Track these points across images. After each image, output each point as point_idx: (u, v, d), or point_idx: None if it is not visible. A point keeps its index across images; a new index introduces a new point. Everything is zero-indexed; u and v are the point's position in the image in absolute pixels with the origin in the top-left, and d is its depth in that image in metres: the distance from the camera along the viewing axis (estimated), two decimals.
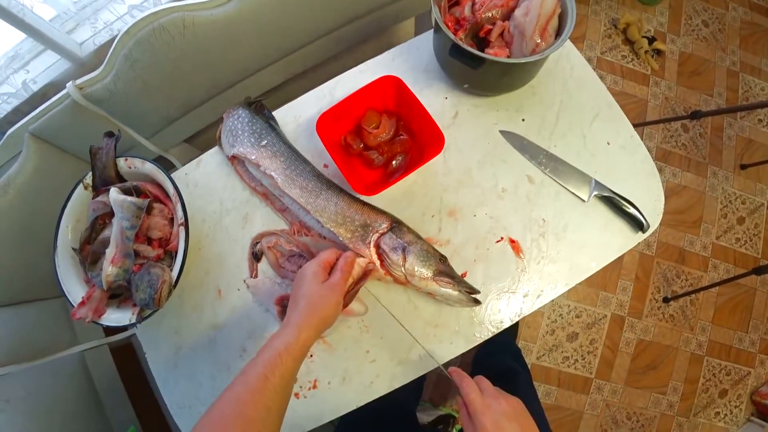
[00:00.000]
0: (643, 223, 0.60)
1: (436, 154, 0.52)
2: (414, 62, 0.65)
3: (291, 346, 0.41)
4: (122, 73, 0.69)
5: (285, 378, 0.40)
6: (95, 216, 0.61)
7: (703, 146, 1.34)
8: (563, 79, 0.66)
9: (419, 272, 0.50)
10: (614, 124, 0.65)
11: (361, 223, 0.53)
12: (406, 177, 0.59)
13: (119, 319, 0.57)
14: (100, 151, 0.62)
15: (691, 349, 1.25)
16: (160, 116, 0.82)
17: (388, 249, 0.51)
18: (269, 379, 0.38)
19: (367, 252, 0.52)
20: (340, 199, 0.54)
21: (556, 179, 0.61)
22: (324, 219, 0.53)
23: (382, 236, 0.52)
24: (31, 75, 0.75)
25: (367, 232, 0.52)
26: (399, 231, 0.53)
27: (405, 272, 0.50)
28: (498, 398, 0.42)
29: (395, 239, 0.52)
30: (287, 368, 0.40)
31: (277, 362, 0.39)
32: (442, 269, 0.52)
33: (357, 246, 0.52)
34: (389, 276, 0.52)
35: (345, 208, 0.53)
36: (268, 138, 0.58)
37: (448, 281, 0.51)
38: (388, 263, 0.51)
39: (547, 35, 0.54)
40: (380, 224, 0.53)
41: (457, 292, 0.51)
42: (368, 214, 0.54)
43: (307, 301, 0.44)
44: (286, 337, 0.41)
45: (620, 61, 1.38)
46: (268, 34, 0.75)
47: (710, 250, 1.29)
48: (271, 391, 0.38)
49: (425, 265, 0.51)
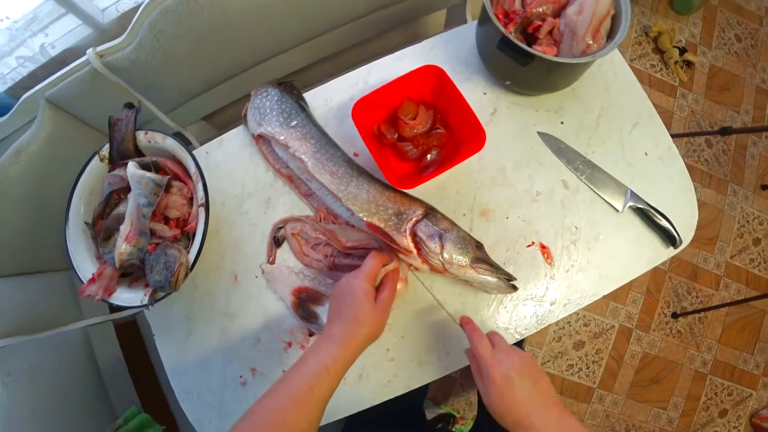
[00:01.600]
0: (675, 239, 0.58)
1: (476, 151, 0.49)
2: (454, 53, 0.62)
3: (338, 362, 0.40)
4: (145, 43, 0.66)
5: (329, 392, 0.39)
6: (110, 190, 0.59)
7: (726, 163, 1.31)
8: (605, 84, 0.64)
9: (457, 260, 0.48)
10: (653, 134, 0.63)
11: (394, 212, 0.51)
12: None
13: (130, 299, 0.55)
14: (119, 122, 0.59)
15: (696, 366, 1.24)
16: (180, 91, 0.79)
17: (425, 237, 0.49)
18: (314, 392, 0.38)
19: (404, 241, 0.49)
20: (371, 187, 0.52)
21: (591, 186, 0.59)
22: (356, 208, 0.51)
23: (417, 224, 0.50)
24: (49, 39, 0.72)
25: (401, 221, 0.50)
26: (434, 218, 0.51)
27: (443, 261, 0.48)
28: (510, 353, 0.41)
29: (431, 226, 0.50)
30: (332, 383, 0.40)
31: (324, 376, 0.39)
32: (480, 256, 0.50)
33: (392, 235, 0.50)
34: (426, 264, 0.50)
35: (377, 196, 0.51)
36: (298, 119, 0.56)
37: (487, 268, 0.49)
38: (426, 251, 0.49)
39: (599, 37, 0.52)
40: (414, 211, 0.51)
41: (496, 279, 0.49)
42: (401, 202, 0.52)
43: (358, 320, 0.43)
44: (334, 352, 0.40)
45: (649, 69, 1.35)
46: (299, 15, 0.72)
47: (723, 268, 1.28)
48: (314, 405, 0.38)
49: (463, 252, 0.49)
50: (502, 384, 0.39)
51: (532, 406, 0.38)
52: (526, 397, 0.38)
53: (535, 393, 0.39)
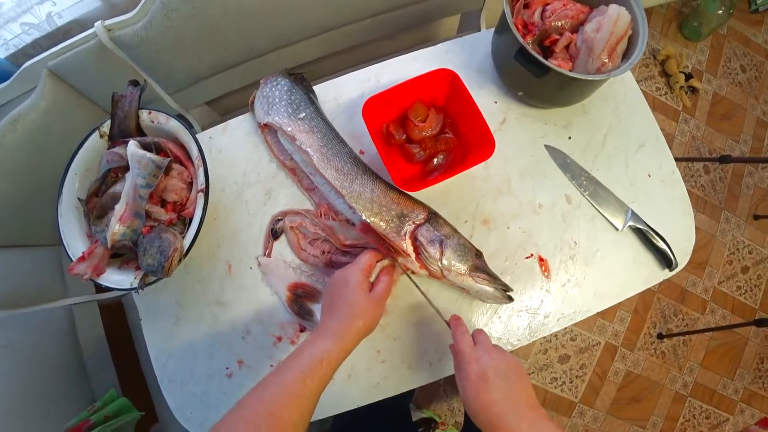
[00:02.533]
0: (672, 261, 0.58)
1: (484, 159, 0.49)
2: (468, 59, 0.62)
3: (332, 354, 0.39)
4: (156, 21, 0.64)
5: (321, 386, 0.39)
6: (108, 168, 0.57)
7: (721, 190, 1.33)
8: (615, 103, 0.64)
9: (456, 267, 0.48)
10: (658, 157, 0.63)
11: (397, 213, 0.50)
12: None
13: (120, 281, 0.53)
14: (123, 99, 0.58)
15: (677, 387, 1.25)
16: (187, 73, 0.77)
17: (425, 241, 0.49)
18: (307, 385, 0.38)
19: (403, 244, 0.49)
20: (376, 186, 0.51)
21: (593, 203, 0.59)
22: (359, 206, 0.50)
23: (418, 227, 0.50)
24: (57, 8, 0.70)
25: (402, 223, 0.50)
26: (436, 223, 0.51)
27: (441, 267, 0.48)
28: (490, 351, 0.40)
29: (432, 231, 0.49)
30: (325, 376, 0.39)
31: (317, 369, 0.38)
32: (479, 265, 0.50)
33: (392, 237, 0.50)
34: (424, 269, 0.50)
35: (381, 196, 0.51)
36: (307, 111, 0.55)
37: (485, 277, 0.49)
38: (425, 256, 0.49)
39: (615, 56, 0.52)
40: (417, 215, 0.51)
41: (493, 289, 0.49)
42: (404, 204, 0.51)
43: (353, 311, 0.42)
44: (328, 345, 0.40)
45: (654, 92, 1.36)
46: (316, 6, 0.71)
47: (711, 293, 1.30)
48: (307, 397, 0.37)
49: (462, 259, 0.49)
50: (477, 381, 0.38)
51: (506, 406, 0.36)
52: (500, 397, 0.37)
53: (511, 394, 0.37)
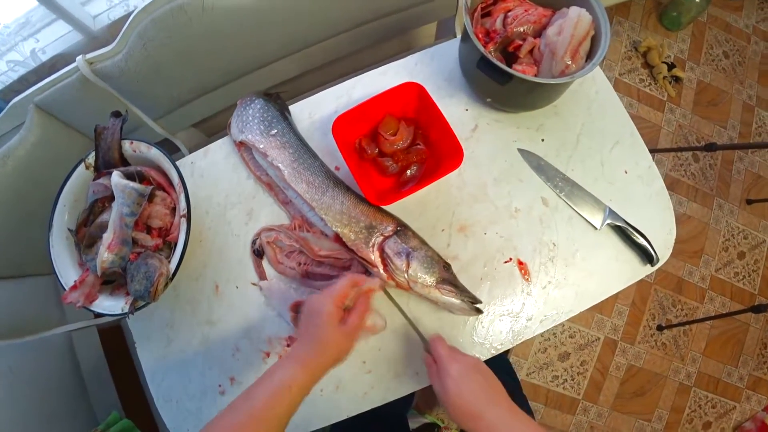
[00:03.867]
0: (653, 256, 0.59)
1: (453, 168, 0.50)
2: (437, 69, 0.63)
3: (300, 383, 0.41)
4: (135, 52, 0.66)
5: (289, 411, 0.40)
6: (95, 198, 0.59)
7: (712, 177, 1.33)
8: (587, 102, 0.65)
9: (422, 279, 0.49)
10: (634, 153, 0.64)
11: (366, 225, 0.52)
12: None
13: (111, 307, 0.55)
14: (105, 131, 0.59)
15: (680, 378, 1.25)
16: (169, 98, 0.79)
17: (392, 253, 0.50)
18: (275, 410, 0.39)
19: (370, 256, 0.50)
20: (346, 199, 0.53)
21: (570, 204, 0.60)
22: (329, 218, 0.52)
23: (386, 239, 0.51)
24: (40, 44, 0.73)
25: (371, 234, 0.51)
26: (404, 235, 0.52)
27: (408, 278, 0.49)
28: (463, 354, 0.45)
29: (400, 244, 0.51)
30: (292, 403, 0.40)
31: (285, 395, 0.39)
32: (446, 277, 0.51)
33: (359, 248, 0.51)
34: (391, 280, 0.51)
35: (351, 207, 0.52)
36: (279, 127, 0.57)
37: (451, 290, 0.50)
38: (392, 268, 0.50)
39: (578, 57, 0.53)
40: (385, 227, 0.52)
41: (459, 301, 0.50)
42: (374, 216, 0.53)
43: (323, 344, 0.43)
44: (296, 372, 0.41)
45: (638, 84, 1.37)
46: (289, 25, 0.73)
47: (708, 282, 1.29)
48: (274, 423, 0.38)
49: (429, 272, 0.50)
50: (458, 378, 0.41)
51: (486, 399, 0.41)
52: (479, 390, 0.41)
53: (487, 387, 0.42)
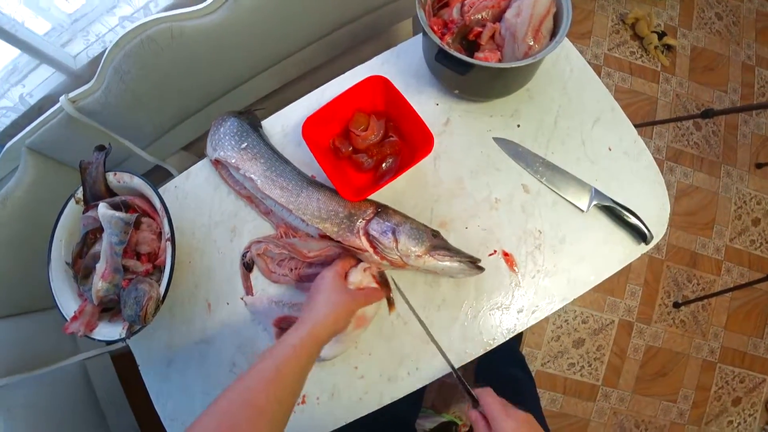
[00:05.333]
0: (646, 234, 0.57)
1: (424, 155, 0.50)
2: (404, 66, 0.63)
3: (304, 340, 0.41)
4: (113, 86, 0.69)
5: (296, 371, 0.40)
6: (86, 231, 0.61)
7: (717, 145, 1.28)
8: (562, 82, 0.63)
9: (413, 251, 0.49)
10: (617, 129, 0.62)
11: (345, 215, 0.52)
12: (396, 184, 0.58)
13: (110, 333, 0.57)
14: (90, 165, 0.62)
15: (703, 355, 1.20)
16: (154, 126, 0.82)
17: (377, 234, 0.50)
18: (282, 371, 0.39)
19: (357, 242, 0.51)
20: (321, 195, 0.54)
21: (553, 188, 0.59)
22: (307, 216, 0.53)
23: (368, 222, 0.51)
24: (27, 89, 0.76)
25: (353, 222, 0.51)
26: (385, 214, 0.52)
27: (400, 254, 0.49)
28: (517, 410, 0.43)
29: (383, 223, 0.51)
30: (300, 362, 0.40)
31: (290, 355, 0.40)
32: (437, 243, 0.51)
33: (346, 237, 0.51)
34: (385, 261, 0.51)
35: (327, 202, 0.53)
36: (249, 140, 0.58)
37: (445, 254, 0.49)
38: (381, 248, 0.50)
39: (541, 37, 0.52)
40: (365, 212, 0.52)
41: (458, 263, 0.49)
42: (351, 206, 0.53)
43: (324, 298, 0.45)
44: (300, 332, 0.42)
45: (629, 57, 1.33)
46: (258, 41, 0.74)
47: (723, 253, 1.24)
48: (283, 384, 0.39)
49: (418, 242, 0.49)
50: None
51: None
52: None
53: None
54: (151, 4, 0.73)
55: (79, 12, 0.74)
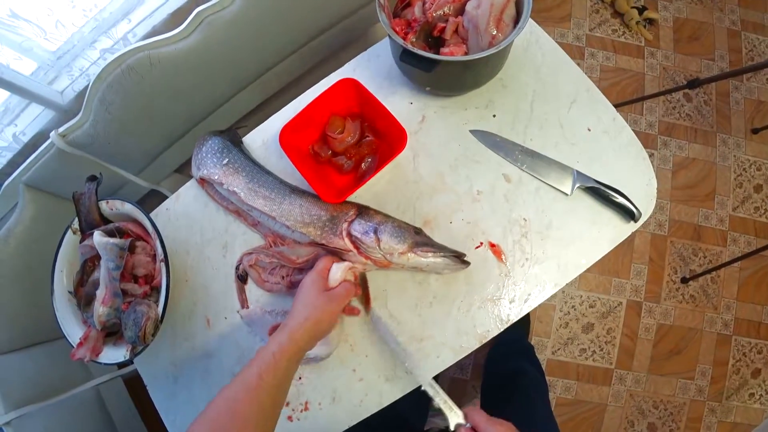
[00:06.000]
0: (633, 212, 0.57)
1: (400, 150, 0.51)
2: (376, 69, 0.63)
3: (284, 346, 0.42)
4: (99, 117, 0.71)
5: (278, 378, 0.41)
6: (84, 259, 0.63)
7: (710, 114, 1.26)
8: (535, 67, 0.63)
9: (396, 248, 0.50)
10: (594, 109, 0.62)
11: (328, 218, 0.53)
12: (377, 185, 0.59)
13: (115, 356, 0.58)
14: (82, 196, 0.64)
15: (717, 329, 1.18)
16: (143, 152, 0.84)
17: (359, 234, 0.51)
18: (263, 379, 0.40)
19: (341, 243, 0.52)
20: (304, 200, 0.55)
21: (534, 175, 0.59)
22: (291, 222, 0.54)
23: (351, 224, 0.52)
24: (19, 128, 0.79)
25: (335, 224, 0.53)
26: (367, 215, 0.53)
27: (383, 252, 0.50)
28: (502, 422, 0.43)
29: (365, 223, 0.52)
30: (280, 368, 0.41)
31: (270, 362, 0.41)
32: (419, 240, 0.51)
33: (330, 240, 0.52)
34: (370, 260, 0.51)
35: (310, 207, 0.54)
36: (230, 156, 0.59)
37: (429, 249, 0.50)
38: (364, 248, 0.51)
39: (504, 25, 0.52)
40: (346, 213, 0.53)
41: (441, 259, 0.50)
42: (333, 209, 0.55)
43: (305, 306, 0.46)
44: (281, 339, 0.43)
45: (611, 35, 1.32)
46: (235, 59, 0.76)
47: (727, 223, 1.22)
48: (265, 390, 0.40)
49: (400, 240, 0.50)
50: None
51: None
52: None
53: None
54: (129, 34, 0.75)
55: (61, 49, 0.77)
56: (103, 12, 0.76)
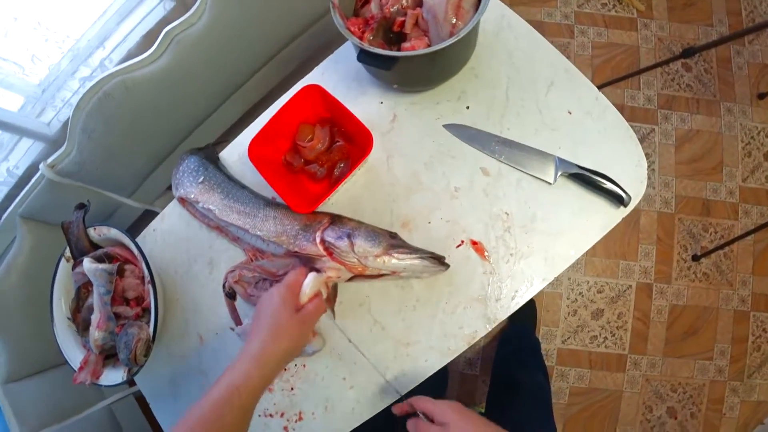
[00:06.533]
0: (623, 197, 0.54)
1: (366, 155, 0.51)
2: (343, 72, 0.63)
3: (252, 381, 0.38)
4: (83, 145, 0.72)
5: (241, 413, 0.38)
6: (78, 286, 0.64)
7: (711, 82, 1.20)
8: (507, 52, 0.61)
9: (371, 251, 0.48)
10: (574, 90, 0.60)
11: (301, 227, 0.53)
12: (352, 190, 0.58)
13: (114, 378, 0.60)
14: (71, 225, 0.65)
15: (734, 306, 1.13)
16: (133, 174, 0.85)
17: (332, 239, 0.50)
18: (225, 419, 0.36)
19: (313, 249, 0.51)
20: (277, 212, 0.55)
21: (514, 166, 0.57)
22: (264, 233, 0.54)
23: (324, 230, 0.52)
24: (12, 162, 0.81)
25: (309, 232, 0.52)
26: (340, 222, 0.53)
27: (357, 256, 0.49)
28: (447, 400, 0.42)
29: (338, 229, 0.51)
30: (244, 403, 0.38)
31: (234, 397, 0.37)
32: (395, 243, 0.50)
33: (303, 246, 0.52)
34: (344, 266, 0.50)
35: (282, 218, 0.54)
36: (205, 174, 0.60)
37: (404, 251, 0.49)
38: (338, 253, 0.50)
39: (464, 12, 0.50)
40: (319, 222, 0.53)
41: (419, 261, 0.49)
42: (307, 218, 0.54)
43: (275, 330, 0.41)
44: (249, 369, 0.39)
45: (601, 10, 1.27)
46: (210, 76, 0.76)
47: (738, 194, 1.16)
48: (227, 429, 0.36)
49: (375, 243, 0.49)
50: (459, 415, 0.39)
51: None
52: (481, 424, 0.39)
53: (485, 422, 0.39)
54: (105, 61, 0.77)
55: (44, 82, 0.79)
56: (80, 42, 0.77)
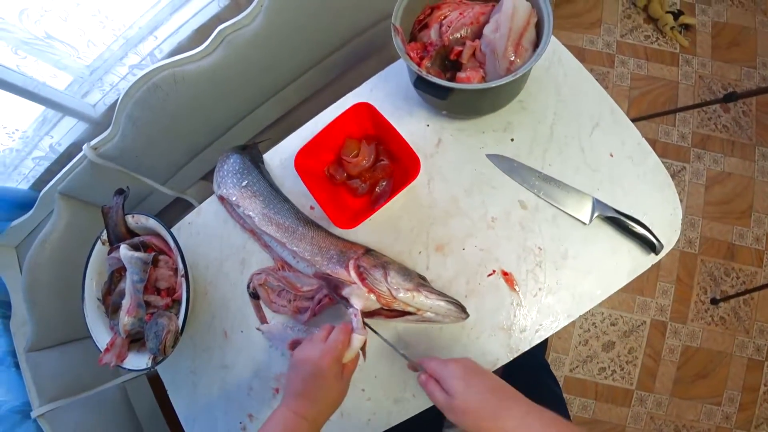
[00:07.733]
0: (654, 244, 0.54)
1: (412, 179, 0.51)
2: (392, 90, 0.63)
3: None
4: (127, 132, 0.74)
5: None
6: (111, 270, 0.66)
7: (748, 125, 1.18)
8: (556, 88, 0.61)
9: (402, 284, 0.50)
10: (618, 132, 0.60)
11: (336, 252, 0.54)
12: (391, 208, 0.59)
13: (138, 363, 0.62)
14: (110, 210, 0.67)
15: (748, 354, 1.11)
16: (169, 163, 0.87)
17: (368, 267, 0.52)
18: None
19: (344, 274, 0.52)
20: (316, 234, 0.56)
21: (551, 202, 0.57)
22: (299, 249, 0.55)
23: (359, 258, 0.53)
24: (55, 139, 0.83)
25: (343, 258, 0.53)
26: (375, 255, 0.54)
27: (389, 286, 0.50)
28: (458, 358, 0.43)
29: (374, 259, 0.53)
30: None
31: None
32: (424, 284, 0.52)
33: (335, 270, 0.53)
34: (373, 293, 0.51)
35: (320, 241, 0.55)
36: (249, 178, 0.61)
37: (432, 291, 0.50)
38: (371, 280, 0.51)
39: (522, 50, 0.50)
40: (355, 251, 0.54)
41: (445, 303, 0.50)
42: (343, 245, 0.55)
43: (331, 401, 0.45)
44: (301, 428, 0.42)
45: (643, 42, 1.25)
46: (255, 76, 0.77)
47: (765, 242, 1.15)
48: None
49: (407, 279, 0.51)
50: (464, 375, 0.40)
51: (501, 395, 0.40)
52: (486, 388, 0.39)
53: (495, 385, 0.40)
54: (155, 50, 0.78)
55: (93, 64, 0.81)
56: (131, 29, 0.79)
